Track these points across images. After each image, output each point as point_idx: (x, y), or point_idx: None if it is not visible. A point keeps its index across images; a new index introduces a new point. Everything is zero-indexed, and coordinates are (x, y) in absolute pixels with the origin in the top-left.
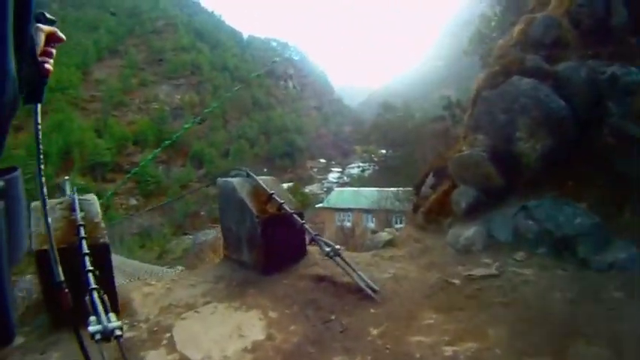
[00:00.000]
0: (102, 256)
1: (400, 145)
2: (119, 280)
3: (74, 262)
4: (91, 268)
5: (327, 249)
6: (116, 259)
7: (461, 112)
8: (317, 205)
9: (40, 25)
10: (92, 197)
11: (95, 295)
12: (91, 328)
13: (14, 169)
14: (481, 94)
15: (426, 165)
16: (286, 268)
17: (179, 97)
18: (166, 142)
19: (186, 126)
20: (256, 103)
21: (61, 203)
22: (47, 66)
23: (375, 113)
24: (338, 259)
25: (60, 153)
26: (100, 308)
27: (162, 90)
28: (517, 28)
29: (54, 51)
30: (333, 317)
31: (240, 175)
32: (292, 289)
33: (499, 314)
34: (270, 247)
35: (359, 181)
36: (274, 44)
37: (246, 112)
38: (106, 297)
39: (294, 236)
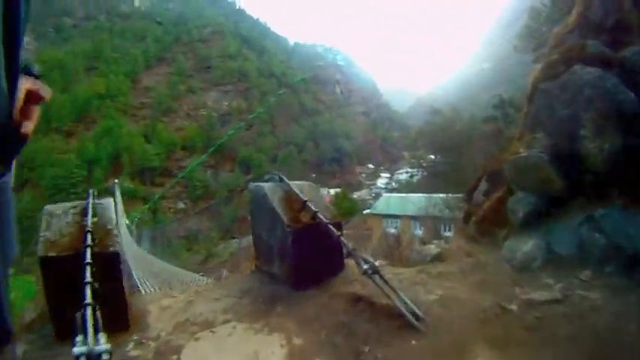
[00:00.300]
0: (111, 265)
1: (449, 149)
2: (150, 288)
3: (79, 272)
4: (89, 279)
5: (365, 266)
6: (157, 265)
7: (514, 110)
8: (365, 212)
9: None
10: (108, 202)
11: (88, 311)
12: (75, 350)
13: (2, 174)
14: (539, 87)
15: (478, 169)
16: (320, 285)
17: (227, 103)
18: (213, 147)
19: (230, 132)
20: (304, 109)
21: (75, 207)
22: (25, 129)
23: (423, 118)
24: (377, 277)
25: (109, 158)
26: (90, 327)
27: (210, 97)
28: (574, 12)
29: (35, 110)
30: (366, 349)
31: (273, 180)
32: (324, 309)
33: (565, 352)
34: (301, 260)
35: (407, 187)
36: (320, 50)
37: (294, 117)
38: (99, 314)
39: (329, 249)
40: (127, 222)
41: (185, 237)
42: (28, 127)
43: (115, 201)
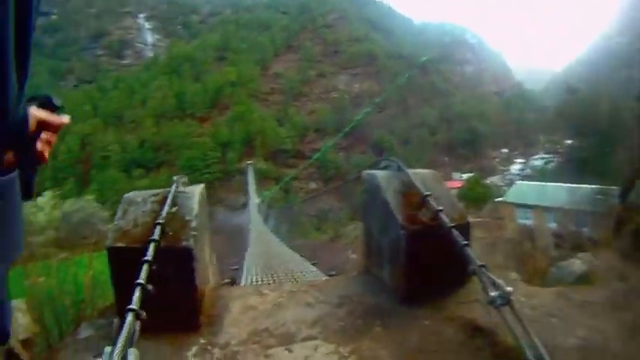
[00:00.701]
0: (181, 261)
1: (590, 134)
2: (254, 276)
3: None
4: (141, 280)
5: (494, 293)
6: (273, 248)
7: None
8: (497, 199)
9: (33, 109)
10: (193, 190)
11: (129, 318)
12: None
13: (10, 169)
14: None
15: (635, 160)
16: (434, 301)
17: (357, 85)
18: (346, 129)
19: (361, 114)
20: (435, 90)
21: (156, 195)
22: (41, 147)
23: (559, 98)
24: (506, 310)
25: (242, 141)
26: (124, 338)
27: (340, 80)
28: None
29: (47, 138)
30: None
31: (391, 168)
32: (433, 337)
33: None
34: (415, 268)
35: (542, 174)
36: (448, 28)
37: (425, 99)
38: (138, 324)
39: (450, 258)
40: (258, 201)
41: (315, 216)
42: (45, 148)
43: (248, 181)
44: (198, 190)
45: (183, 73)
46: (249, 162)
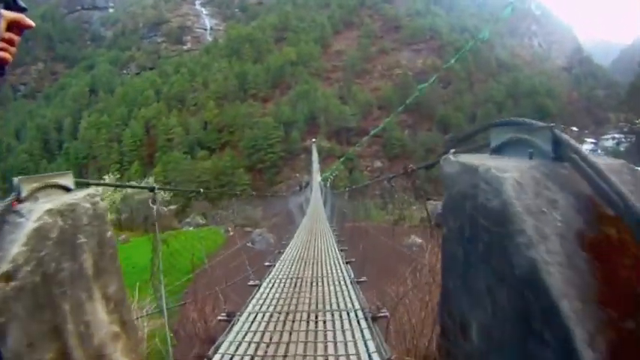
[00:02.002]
0: None
1: None
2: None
3: None
4: None
5: None
6: (319, 239)
7: None
8: None
9: (2, 11)
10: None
11: None
12: None
13: None
14: None
15: None
16: None
17: (421, 61)
18: (404, 104)
19: (421, 88)
20: (501, 65)
21: None
22: (4, 54)
23: (631, 73)
24: None
25: (305, 119)
26: None
27: (403, 56)
28: None
29: (16, 38)
30: None
31: (514, 148)
32: None
33: None
34: None
35: (614, 155)
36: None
37: (491, 74)
38: None
39: None
40: (320, 180)
41: (379, 195)
42: (8, 53)
43: (312, 159)
44: (40, 213)
45: (243, 55)
46: (313, 140)
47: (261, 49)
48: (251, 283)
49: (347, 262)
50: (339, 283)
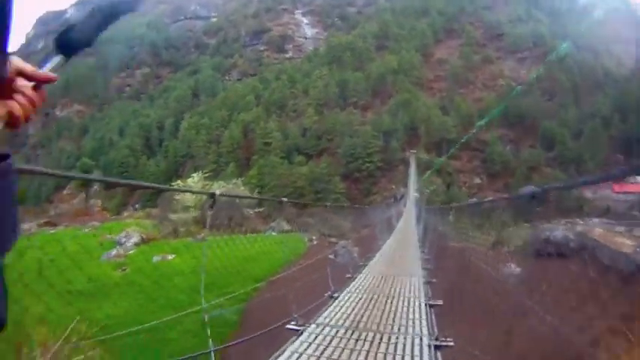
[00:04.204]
0: None
1: None
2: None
3: None
4: None
5: None
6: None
7: None
8: None
9: (13, 57)
10: None
11: None
12: None
13: (6, 156)
14: None
15: None
16: None
17: (525, 72)
18: (495, 110)
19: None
20: (608, 74)
21: None
22: (13, 104)
23: None
24: None
25: (405, 129)
26: None
27: (506, 65)
28: None
29: (31, 93)
30: None
31: None
32: None
33: None
34: None
35: None
36: (615, 4)
37: (598, 85)
38: None
39: None
40: (416, 194)
41: (477, 213)
42: (16, 108)
43: (409, 172)
44: None
45: (343, 63)
46: (412, 151)
47: (362, 57)
48: (327, 294)
49: (427, 283)
50: (413, 303)
